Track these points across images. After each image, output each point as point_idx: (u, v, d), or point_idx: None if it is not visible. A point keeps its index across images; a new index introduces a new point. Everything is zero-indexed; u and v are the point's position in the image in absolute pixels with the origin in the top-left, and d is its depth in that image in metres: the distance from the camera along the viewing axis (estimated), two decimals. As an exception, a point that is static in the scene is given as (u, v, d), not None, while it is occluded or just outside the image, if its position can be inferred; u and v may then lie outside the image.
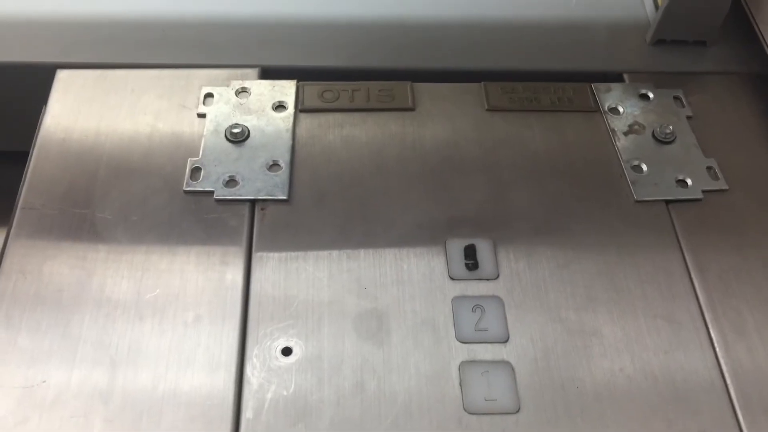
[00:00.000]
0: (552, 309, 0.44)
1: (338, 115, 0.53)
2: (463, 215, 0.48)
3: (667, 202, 0.50)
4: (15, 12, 0.58)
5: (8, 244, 0.46)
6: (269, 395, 0.40)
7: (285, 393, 0.40)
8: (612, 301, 0.45)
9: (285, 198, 0.48)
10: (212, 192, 0.48)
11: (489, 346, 0.43)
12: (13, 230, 0.46)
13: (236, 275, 0.45)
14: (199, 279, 0.44)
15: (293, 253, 0.46)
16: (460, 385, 0.41)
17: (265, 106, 0.53)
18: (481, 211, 0.49)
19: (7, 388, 0.40)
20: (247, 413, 0.40)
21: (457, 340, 0.43)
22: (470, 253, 0.46)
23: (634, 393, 0.41)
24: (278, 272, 0.45)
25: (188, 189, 0.48)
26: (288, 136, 0.52)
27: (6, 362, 0.41)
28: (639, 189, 0.50)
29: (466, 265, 0.46)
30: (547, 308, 0.44)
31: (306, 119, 0.53)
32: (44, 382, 0.40)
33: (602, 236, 0.48)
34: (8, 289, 0.44)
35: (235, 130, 0.51)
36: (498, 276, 0.46)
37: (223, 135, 0.51)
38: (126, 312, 0.43)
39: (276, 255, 0.46)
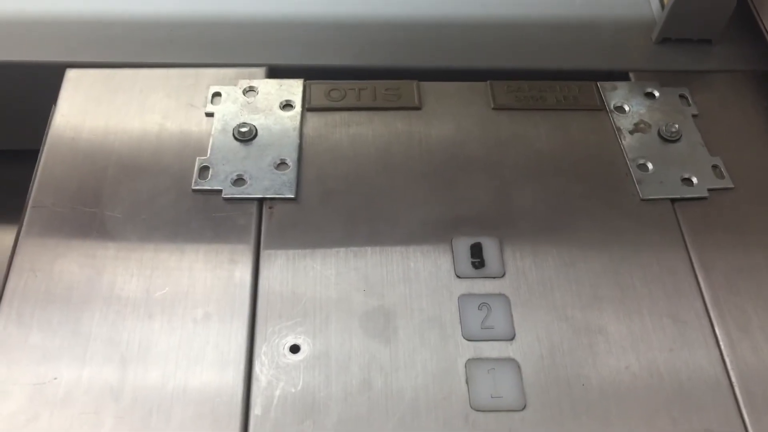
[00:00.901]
0: (558, 307, 0.44)
1: (345, 114, 0.54)
2: (469, 213, 0.48)
3: (673, 200, 0.50)
4: (25, 11, 0.59)
5: (19, 243, 0.46)
6: (278, 392, 0.41)
7: (293, 390, 0.41)
8: (617, 299, 0.45)
9: (292, 196, 0.48)
10: (220, 191, 0.48)
11: (495, 343, 0.43)
12: (23, 228, 0.47)
13: (244, 273, 0.45)
14: (207, 277, 0.45)
15: (301, 251, 0.46)
16: (467, 382, 0.41)
17: (273, 105, 0.54)
18: (487, 209, 0.49)
19: (19, 385, 0.40)
20: (255, 410, 0.40)
21: (464, 337, 0.43)
22: (476, 251, 0.47)
23: (640, 391, 0.41)
24: (286, 270, 0.45)
25: (196, 188, 0.49)
26: (295, 134, 0.52)
27: (17, 359, 0.41)
28: (644, 187, 0.50)
29: (473, 263, 0.46)
30: (553, 306, 0.44)
31: (313, 118, 0.53)
32: (55, 379, 0.41)
33: (608, 235, 0.48)
34: (19, 286, 0.44)
35: (243, 129, 0.51)
36: (504, 274, 0.46)
37: (230, 134, 0.52)
38: (136, 310, 0.43)
39: (284, 253, 0.46)
